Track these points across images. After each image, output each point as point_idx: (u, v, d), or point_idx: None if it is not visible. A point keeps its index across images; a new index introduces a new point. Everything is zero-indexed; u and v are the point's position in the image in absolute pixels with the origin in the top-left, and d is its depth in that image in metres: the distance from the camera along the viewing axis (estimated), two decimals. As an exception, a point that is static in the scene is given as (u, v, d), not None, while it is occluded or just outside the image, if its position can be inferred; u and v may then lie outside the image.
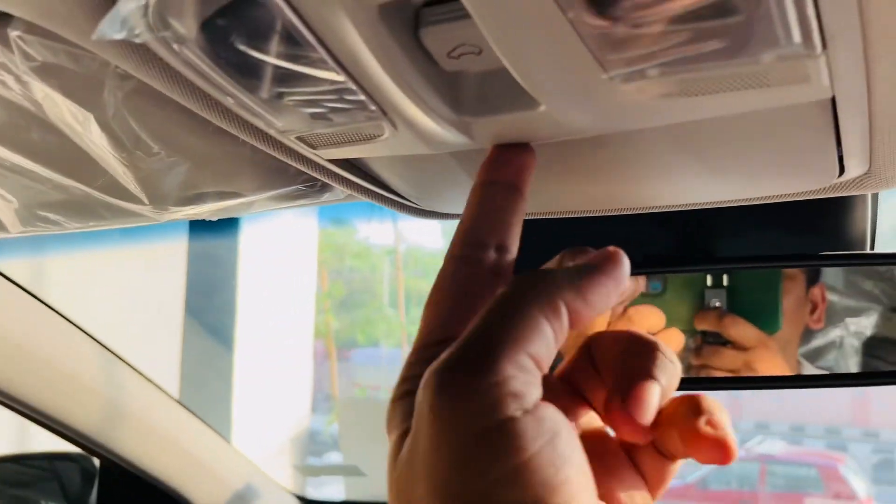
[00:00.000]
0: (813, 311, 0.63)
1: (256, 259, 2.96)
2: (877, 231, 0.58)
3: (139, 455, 1.13)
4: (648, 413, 0.29)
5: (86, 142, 0.40)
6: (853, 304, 0.62)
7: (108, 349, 1.06)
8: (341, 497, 3.10)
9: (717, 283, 0.64)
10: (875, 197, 0.58)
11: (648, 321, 0.66)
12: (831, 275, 0.62)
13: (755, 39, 0.27)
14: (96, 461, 1.18)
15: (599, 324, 0.68)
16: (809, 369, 0.63)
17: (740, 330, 0.63)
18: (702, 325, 0.65)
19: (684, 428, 0.30)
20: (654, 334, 0.66)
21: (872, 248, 0.60)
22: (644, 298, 0.67)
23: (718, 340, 0.63)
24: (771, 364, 0.63)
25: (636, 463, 0.33)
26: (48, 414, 0.99)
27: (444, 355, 0.27)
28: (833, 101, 0.31)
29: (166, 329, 2.55)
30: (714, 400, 0.31)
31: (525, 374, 0.26)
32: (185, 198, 0.51)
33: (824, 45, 0.27)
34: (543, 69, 0.30)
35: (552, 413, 0.26)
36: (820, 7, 0.25)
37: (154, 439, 1.15)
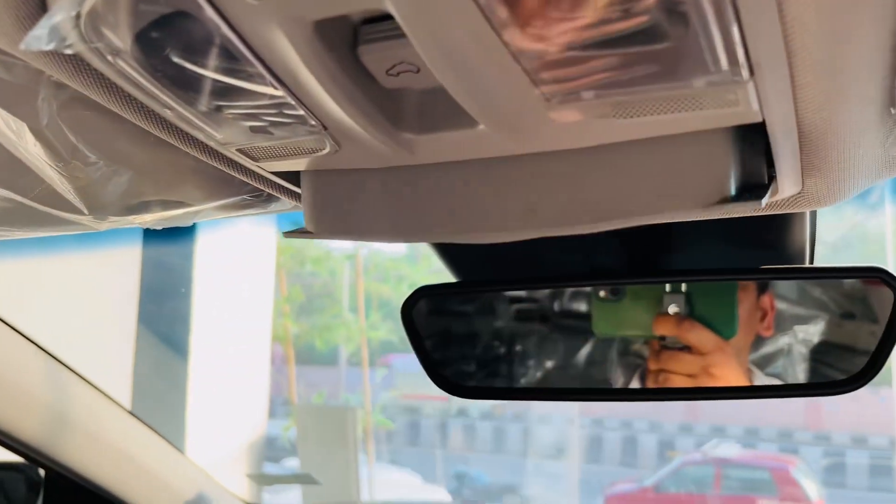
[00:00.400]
0: (763, 318, 0.64)
1: (213, 264, 2.92)
2: (815, 246, 0.60)
3: (85, 465, 1.10)
4: None
5: (21, 151, 0.39)
6: (802, 312, 0.63)
7: (54, 357, 1.04)
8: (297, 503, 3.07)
9: (676, 289, 0.65)
10: (813, 214, 0.59)
11: None
12: (781, 284, 0.63)
13: (684, 65, 0.27)
14: (41, 471, 1.15)
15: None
16: (760, 376, 0.64)
17: (698, 335, 0.64)
18: (660, 330, 0.66)
19: None
20: None
21: (811, 261, 0.61)
22: (604, 302, 0.68)
23: (676, 345, 0.64)
24: (727, 369, 0.64)
25: None
26: (-7, 424, 0.97)
27: None
28: (763, 124, 0.32)
29: (119, 337, 2.50)
30: None
31: None
32: (128, 207, 0.50)
33: (751, 72, 0.28)
34: (479, 90, 0.30)
35: None
36: (746, 36, 0.26)
37: (101, 449, 1.12)
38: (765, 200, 0.39)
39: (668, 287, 0.65)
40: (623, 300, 0.68)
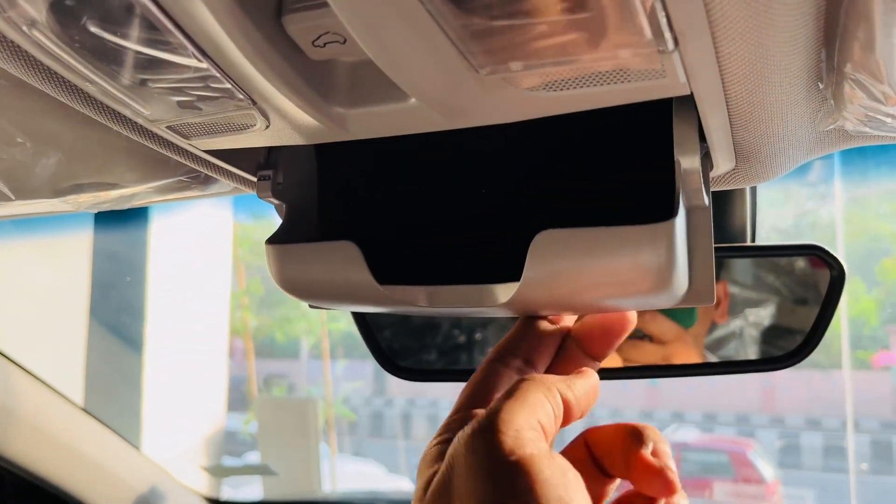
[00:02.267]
0: (717, 306, 0.65)
1: (167, 254, 2.86)
2: (756, 225, 0.61)
3: (32, 460, 1.08)
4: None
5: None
6: (754, 296, 0.64)
7: (-1, 353, 1.01)
8: (258, 497, 3.04)
9: None
10: (753, 192, 0.60)
11: None
12: (735, 270, 0.64)
13: (609, 35, 0.27)
14: (-14, 467, 1.12)
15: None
16: (712, 359, 0.65)
17: (659, 325, 0.65)
18: None
19: (630, 454, 0.38)
20: None
21: (753, 240, 0.62)
22: None
23: (637, 335, 0.65)
24: (686, 356, 0.65)
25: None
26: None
27: (480, 415, 0.37)
28: (692, 97, 0.32)
29: (69, 329, 2.44)
30: (655, 430, 0.39)
31: (536, 432, 0.35)
32: (59, 190, 0.49)
33: (676, 42, 0.28)
34: (407, 61, 0.30)
35: (560, 458, 0.35)
36: (667, 6, 0.25)
37: (48, 444, 1.10)
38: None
39: None
40: None
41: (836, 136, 0.42)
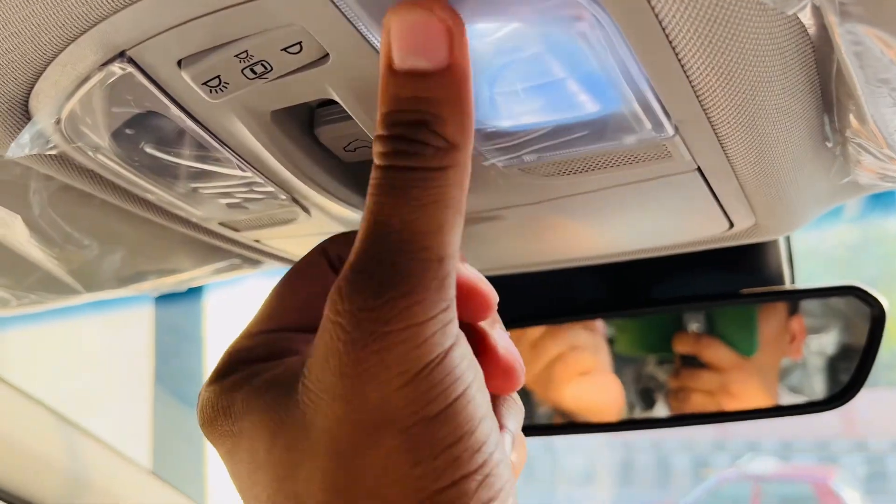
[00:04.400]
0: (792, 341, 0.65)
1: (222, 322, 2.94)
2: (794, 267, 0.61)
3: (108, 528, 1.11)
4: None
5: (14, 244, 0.42)
6: (816, 323, 0.64)
7: (69, 422, 1.06)
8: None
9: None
10: (787, 237, 0.61)
11: (583, 364, 0.68)
12: (808, 303, 0.63)
13: (612, 128, 0.29)
14: (64, 538, 1.16)
15: (539, 364, 0.70)
16: (786, 395, 0.65)
17: (716, 353, 0.64)
18: (680, 348, 0.66)
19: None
20: (585, 375, 0.68)
21: (793, 282, 0.62)
22: (623, 322, 0.69)
23: (696, 363, 0.65)
24: (746, 386, 0.64)
25: None
26: (11, 493, 0.98)
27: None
28: (700, 170, 0.34)
29: (136, 397, 2.52)
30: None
31: None
32: (123, 280, 0.53)
33: (676, 129, 0.30)
34: None
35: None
36: (662, 101, 0.28)
37: (123, 511, 1.14)
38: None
39: None
40: (644, 319, 0.69)
41: (854, 186, 0.43)
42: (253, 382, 0.27)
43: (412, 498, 0.23)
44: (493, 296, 0.28)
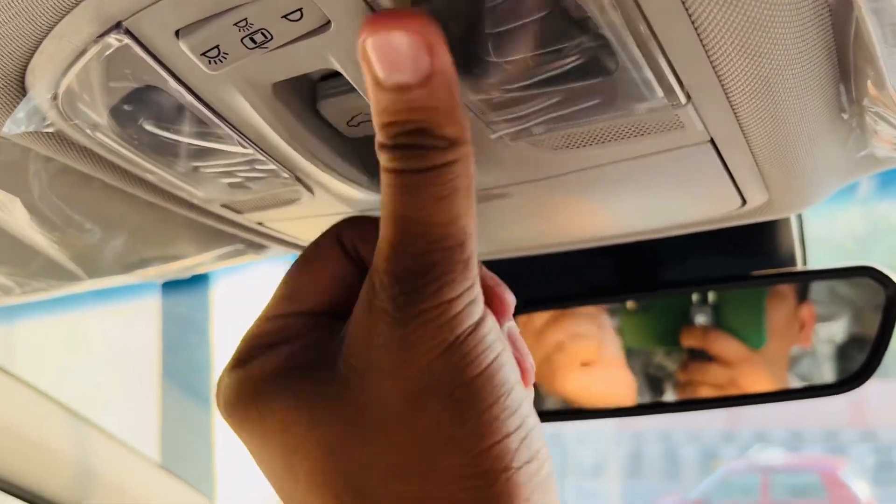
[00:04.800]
0: (801, 329, 0.64)
1: (230, 312, 2.94)
2: (806, 247, 0.60)
3: (115, 519, 1.12)
4: None
5: (14, 228, 0.41)
6: (825, 311, 0.63)
7: (78, 416, 1.06)
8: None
9: (703, 300, 0.65)
10: (799, 217, 0.60)
11: (584, 354, 0.67)
12: (817, 291, 0.63)
13: (622, 96, 0.29)
14: (72, 529, 1.16)
15: (540, 353, 0.69)
16: (794, 383, 0.64)
17: (724, 346, 0.63)
18: (687, 342, 0.66)
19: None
20: (588, 365, 0.67)
21: (805, 263, 0.61)
22: (630, 315, 0.68)
23: (704, 356, 0.64)
24: (755, 379, 0.63)
25: None
26: (21, 486, 0.99)
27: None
28: (713, 142, 0.33)
29: (143, 390, 2.53)
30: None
31: None
32: (126, 266, 0.52)
33: (688, 97, 0.29)
34: None
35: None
36: (675, 67, 0.27)
37: (130, 502, 1.14)
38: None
39: (694, 298, 0.65)
40: (651, 312, 0.68)
41: (871, 160, 0.42)
42: (281, 365, 0.29)
43: (460, 457, 0.26)
44: (511, 299, 0.31)
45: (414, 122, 0.25)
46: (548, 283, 0.66)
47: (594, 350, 0.68)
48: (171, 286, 0.66)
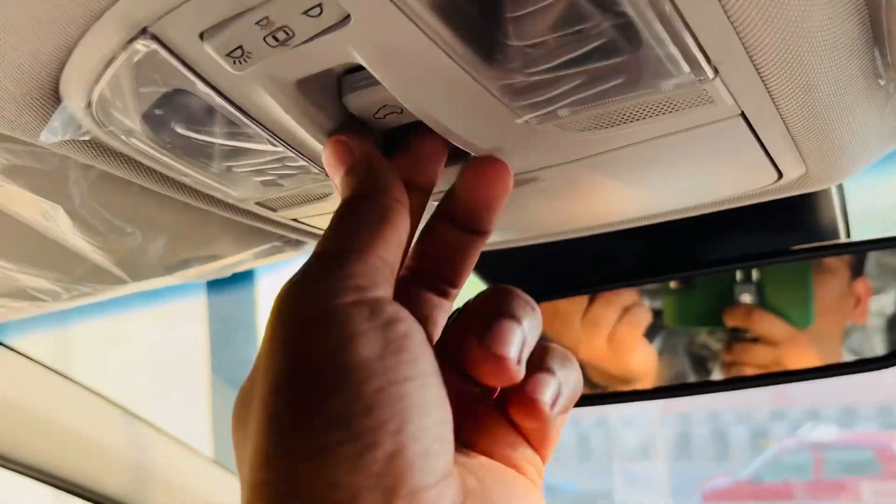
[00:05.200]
0: (857, 304, 0.62)
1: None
2: (849, 219, 0.59)
3: (172, 514, 1.14)
4: (508, 347, 0.29)
5: (58, 235, 0.42)
6: (875, 283, 0.61)
7: (133, 415, 1.09)
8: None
9: (747, 279, 0.64)
10: (840, 187, 0.59)
11: (646, 320, 0.66)
12: (870, 265, 0.61)
13: (648, 73, 0.28)
14: (131, 526, 1.19)
15: (599, 334, 0.68)
16: (849, 359, 0.62)
17: (768, 325, 0.62)
18: (731, 322, 0.65)
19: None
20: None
21: (848, 236, 0.60)
22: (673, 295, 0.67)
23: (748, 336, 0.63)
24: (802, 358, 0.62)
25: (514, 424, 0.31)
26: (80, 484, 1.02)
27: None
28: (745, 115, 0.32)
29: (194, 387, 2.58)
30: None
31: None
32: (168, 267, 0.54)
33: (716, 71, 0.28)
34: (460, 125, 0.32)
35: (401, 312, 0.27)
36: (700, 40, 0.26)
37: (186, 497, 1.16)
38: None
39: (738, 277, 0.64)
40: (695, 291, 0.67)
41: (912, 127, 0.41)
42: None
43: None
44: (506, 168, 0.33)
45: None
46: (582, 267, 0.65)
47: (650, 317, 0.67)
48: (216, 285, 0.67)
